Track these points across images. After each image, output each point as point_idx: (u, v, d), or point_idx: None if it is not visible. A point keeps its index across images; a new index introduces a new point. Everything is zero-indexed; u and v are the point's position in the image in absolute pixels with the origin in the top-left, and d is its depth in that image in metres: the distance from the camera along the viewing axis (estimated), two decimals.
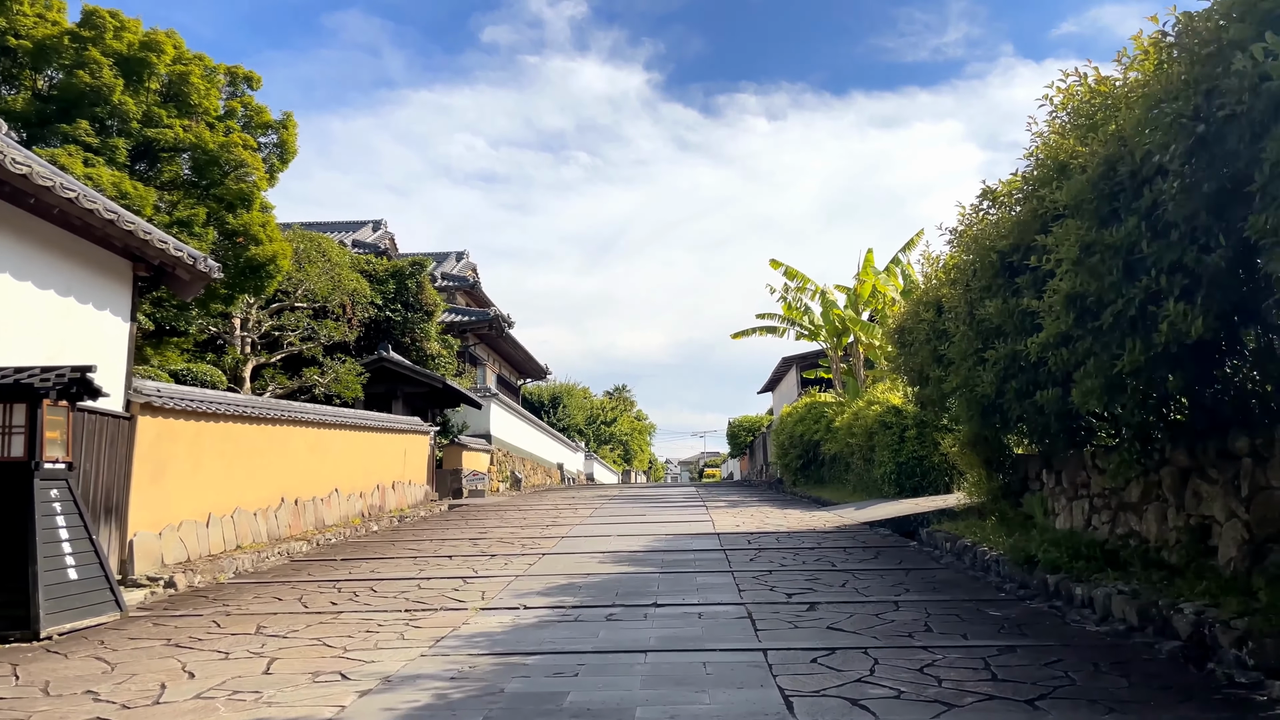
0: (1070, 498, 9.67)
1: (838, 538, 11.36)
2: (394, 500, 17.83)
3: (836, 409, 20.79)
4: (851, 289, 21.99)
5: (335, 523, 14.66)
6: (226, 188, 13.01)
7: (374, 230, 35.70)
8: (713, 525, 13.35)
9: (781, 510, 16.25)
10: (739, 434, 52.29)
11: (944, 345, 9.57)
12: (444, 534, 13.38)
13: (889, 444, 16.22)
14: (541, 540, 11.96)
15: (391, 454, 17.93)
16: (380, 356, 20.25)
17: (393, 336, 24.39)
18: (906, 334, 11.35)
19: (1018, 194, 8.07)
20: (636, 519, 15.11)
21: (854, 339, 21.74)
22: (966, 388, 8.99)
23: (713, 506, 17.56)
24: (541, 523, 14.73)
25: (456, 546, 11.56)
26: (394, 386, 20.77)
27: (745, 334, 24.57)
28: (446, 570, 9.34)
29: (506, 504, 20.67)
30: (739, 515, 15.27)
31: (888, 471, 16.15)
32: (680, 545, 10.99)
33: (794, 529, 12.53)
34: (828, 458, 21.31)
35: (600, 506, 18.45)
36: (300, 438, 13.68)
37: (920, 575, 8.39)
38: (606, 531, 12.90)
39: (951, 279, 9.78)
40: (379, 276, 24.54)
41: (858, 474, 18.72)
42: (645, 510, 17.05)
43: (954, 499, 13.65)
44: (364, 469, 16.36)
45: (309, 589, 8.39)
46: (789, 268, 22.57)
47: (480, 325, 30.10)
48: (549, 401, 46.45)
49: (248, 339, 18.12)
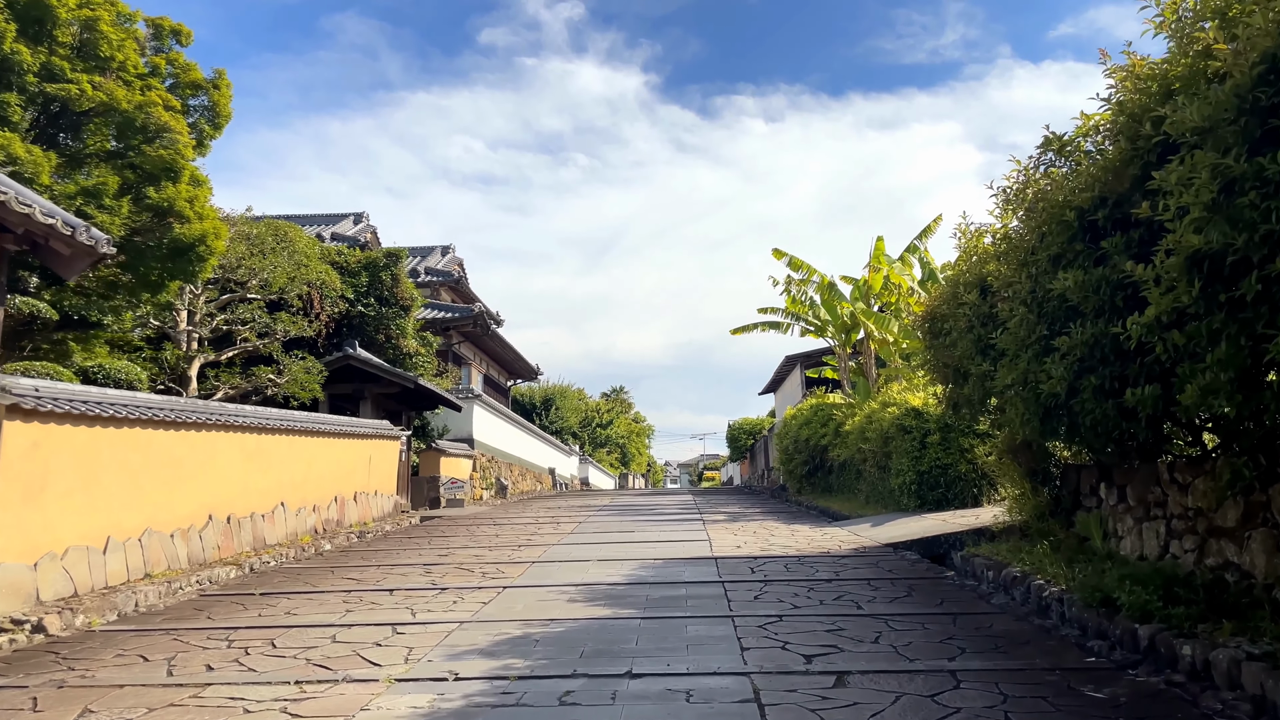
0: (1139, 518, 7.90)
1: (858, 565, 9.55)
2: (355, 513, 16.02)
3: (846, 411, 18.99)
4: (862, 279, 20.19)
5: (279, 542, 12.85)
6: (146, 155, 11.22)
7: (355, 223, 33.95)
8: (710, 546, 11.54)
9: (788, 526, 14.43)
10: (739, 437, 50.44)
11: (993, 333, 7.78)
12: (399, 556, 11.56)
13: (908, 450, 14.42)
14: (508, 566, 10.15)
15: (353, 462, 16.12)
16: (345, 354, 18.45)
17: (365, 333, 22.61)
18: (939, 322, 9.55)
19: (1104, 130, 6.26)
20: (623, 537, 13.30)
21: (864, 334, 19.94)
22: (1025, 384, 7.20)
23: (711, 520, 15.75)
24: (515, 541, 12.92)
25: (405, 575, 9.75)
26: (361, 387, 18.97)
27: (746, 329, 22.75)
28: (378, 612, 7.53)
29: (485, 515, 18.85)
30: (740, 533, 13.46)
31: (907, 481, 14.34)
32: (670, 575, 9.17)
33: (805, 552, 10.72)
34: (836, 464, 19.51)
35: (586, 520, 16.64)
36: (234, 445, 11.87)
37: (972, 623, 6.59)
38: (586, 554, 11.09)
39: (1002, 251, 7.98)
40: (350, 268, 22.78)
41: (871, 483, 16.91)
42: (634, 525, 15.23)
43: (988, 515, 11.86)
44: (318, 479, 14.55)
45: (193, 641, 6.57)
46: (793, 257, 20.74)
47: (464, 322, 28.30)
48: (541, 404, 44.62)
49: (194, 334, 16.31)
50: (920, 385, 16.56)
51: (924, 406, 14.58)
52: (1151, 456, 7.72)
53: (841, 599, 7.57)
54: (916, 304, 17.19)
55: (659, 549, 11.38)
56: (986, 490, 13.73)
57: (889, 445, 15.49)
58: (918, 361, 10.78)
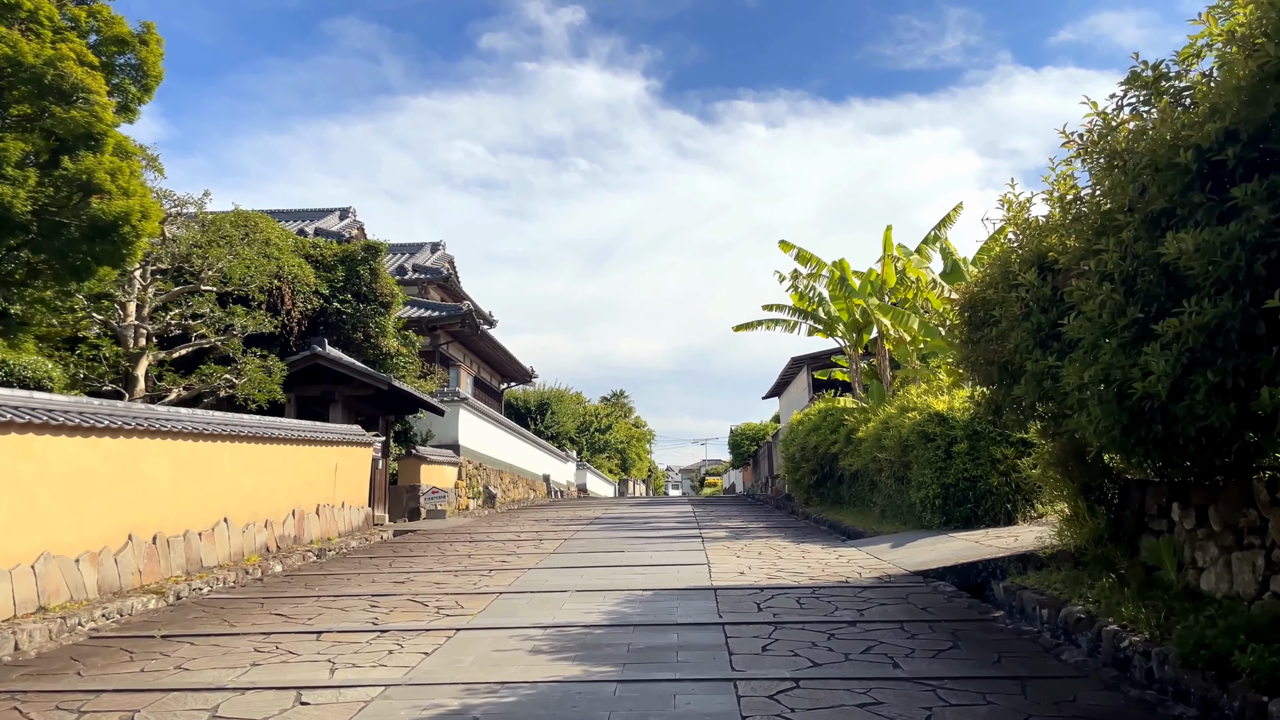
0: (1227, 547, 6.40)
1: (885, 600, 8.00)
2: (317, 528, 14.48)
3: (859, 416, 17.44)
4: (873, 273, 18.63)
5: (221, 563, 11.32)
6: (59, 120, 9.71)
7: (341, 218, 32.49)
8: (709, 572, 9.99)
9: (797, 545, 12.88)
10: (742, 443, 48.82)
11: (1060, 319, 6.26)
12: (348, 584, 10.02)
13: (932, 460, 12.86)
14: (470, 599, 8.60)
15: (315, 471, 14.59)
16: (313, 352, 16.93)
17: (342, 331, 21.10)
18: (982, 310, 8.02)
19: (1227, 48, 4.72)
20: (611, 559, 11.75)
21: (878, 333, 18.38)
22: (1106, 381, 5.68)
23: (711, 538, 14.19)
24: (487, 564, 11.38)
25: (346, 610, 8.21)
26: (331, 389, 17.45)
27: (749, 327, 21.21)
28: (290, 668, 5.99)
29: (464, 530, 17.31)
30: (744, 554, 11.91)
31: (930, 495, 12.78)
32: (660, 613, 7.62)
33: (820, 581, 9.17)
34: (848, 474, 17.95)
35: (572, 536, 15.09)
36: (163, 453, 10.34)
37: (1047, 693, 5.04)
38: (564, 582, 9.54)
39: (1070, 219, 6.45)
40: (326, 262, 21.26)
41: (887, 495, 15.35)
42: (625, 544, 13.67)
43: (1028, 536, 10.32)
44: (270, 491, 13.02)
45: (33, 715, 5.04)
46: (801, 250, 19.19)
47: (451, 321, 26.79)
48: (536, 408, 43.07)
49: (142, 330, 14.80)
50: (943, 388, 15.02)
51: (949, 411, 13.03)
52: (1240, 471, 6.22)
53: (872, 651, 6.02)
54: (939, 298, 15.66)
55: (650, 576, 9.83)
56: (1021, 506, 12.18)
57: (908, 454, 13.94)
58: (955, 357, 9.24)
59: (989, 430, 12.32)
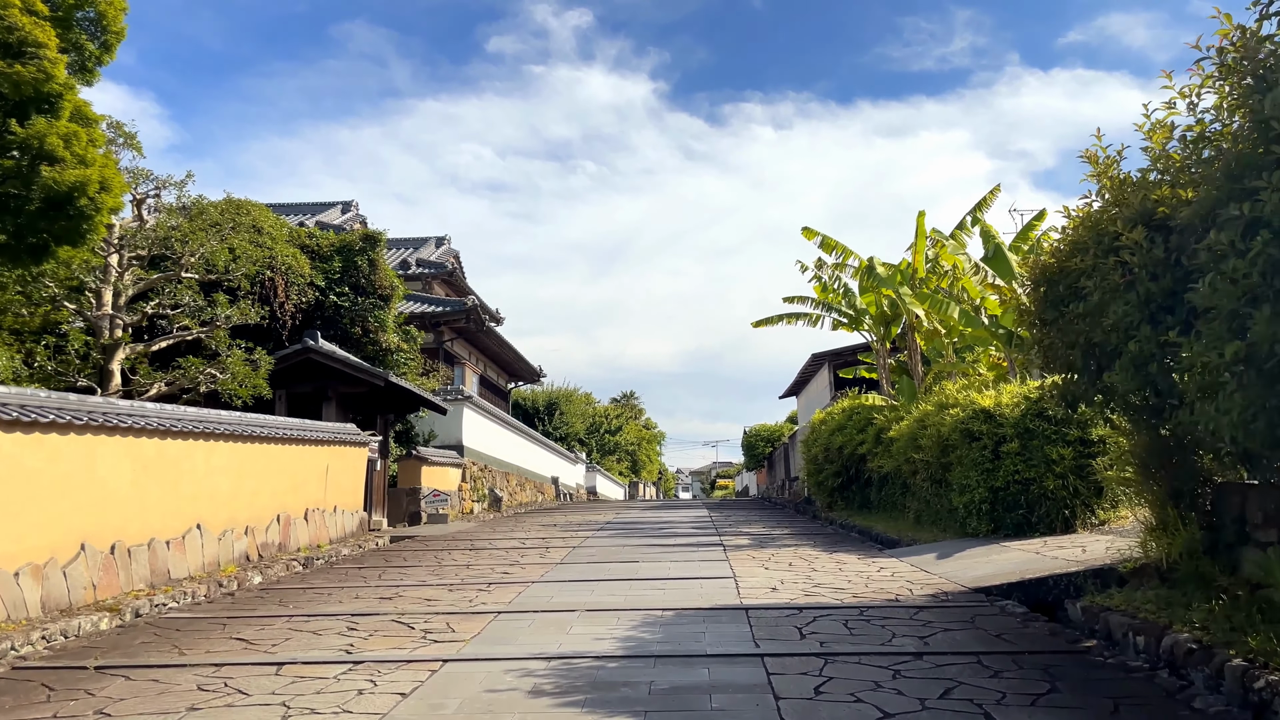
0: None
1: (948, 624, 6.82)
2: (307, 535, 13.36)
3: (889, 414, 16.24)
4: (903, 262, 17.42)
5: (193, 574, 10.22)
6: (5, 77, 8.62)
7: (343, 211, 31.49)
8: (736, 587, 8.81)
9: (829, 554, 11.68)
10: (756, 445, 47.58)
11: (1181, 286, 5.08)
12: (328, 600, 8.89)
13: (978, 462, 11.67)
14: (463, 620, 7.46)
15: (303, 472, 13.49)
16: (304, 346, 15.84)
17: (339, 326, 20.04)
18: (1063, 282, 6.82)
19: None
20: (624, 570, 10.59)
21: (907, 326, 17.16)
22: (1254, 359, 4.52)
23: (733, 545, 13.01)
24: (486, 576, 10.24)
25: (318, 634, 7.07)
26: (324, 385, 16.36)
27: (769, 322, 20.02)
28: (231, 716, 4.85)
29: (466, 536, 16.18)
30: (772, 564, 10.73)
31: (976, 500, 11.59)
32: (685, 640, 6.46)
33: (866, 599, 7.99)
34: (876, 476, 16.74)
35: (582, 543, 13.94)
36: (124, 453, 9.24)
37: None
38: (572, 599, 8.39)
39: (1196, 160, 5.26)
40: (323, 252, 20.22)
41: (923, 500, 14.15)
42: (639, 552, 12.50)
43: (1096, 545, 9.13)
44: (252, 494, 11.91)
45: None
46: (826, 237, 17.98)
47: (455, 317, 25.68)
48: (544, 408, 41.93)
49: (118, 320, 13.72)
50: (986, 382, 13.82)
51: (995, 407, 11.82)
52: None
53: (952, 696, 4.84)
54: (981, 285, 14.44)
55: (669, 592, 8.67)
56: (1081, 512, 10.97)
57: (949, 455, 12.74)
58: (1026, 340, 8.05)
59: (1043, 428, 11.13)
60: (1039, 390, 11.37)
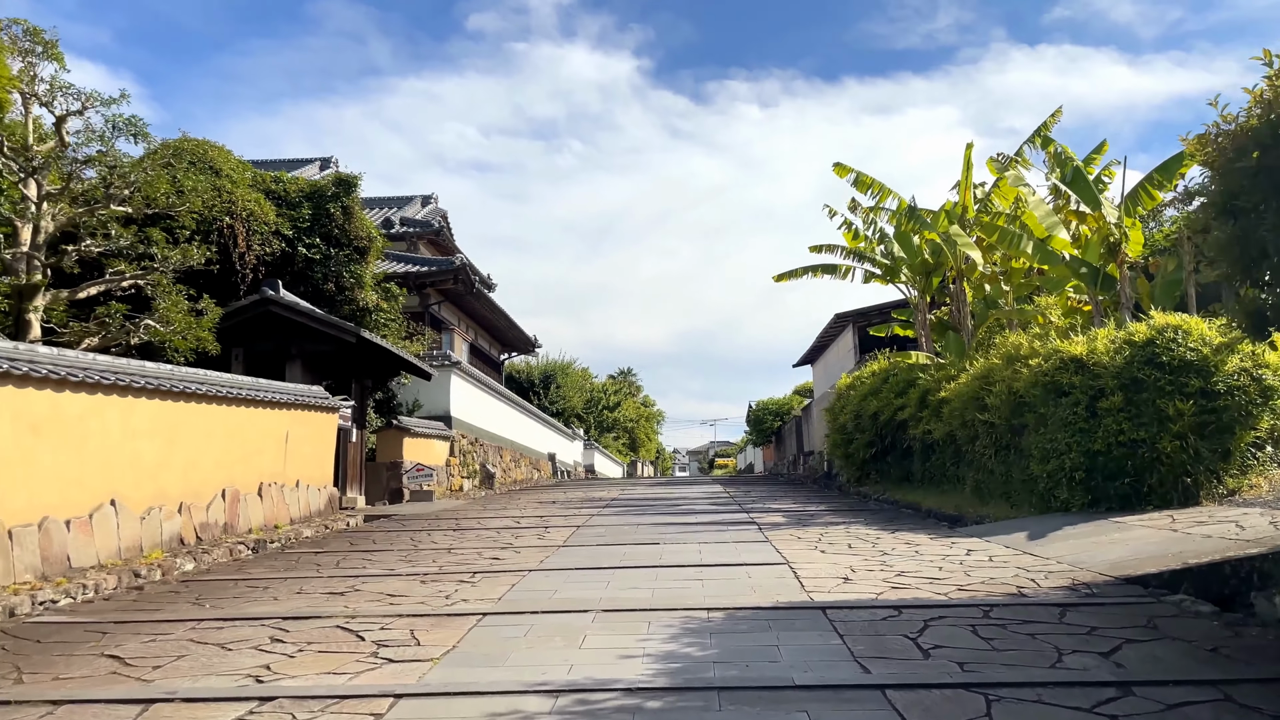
0: None
1: (1124, 630, 4.78)
2: (260, 513, 11.29)
3: (936, 374, 14.19)
4: (947, 204, 15.28)
5: (102, 562, 8.14)
6: None
7: (322, 168, 29.23)
8: (795, 576, 6.77)
9: (891, 534, 9.63)
10: (764, 419, 45.48)
11: None
12: (258, 597, 6.82)
13: (1067, 421, 9.63)
14: (433, 627, 5.40)
15: (256, 439, 11.39)
16: (264, 297, 13.70)
17: (310, 281, 17.82)
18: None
19: None
20: (643, 556, 8.54)
21: (954, 274, 15.03)
22: None
23: (767, 523, 10.97)
24: (470, 563, 8.18)
25: (225, 651, 5.00)
26: (287, 342, 14.24)
27: (793, 275, 17.87)
28: None
29: (451, 514, 14.13)
30: (828, 547, 8.68)
31: (1067, 466, 9.55)
32: (754, 659, 4.42)
33: (978, 594, 5.94)
34: (919, 444, 14.71)
35: (587, 522, 11.88)
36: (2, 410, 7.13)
37: None
38: (582, 594, 6.33)
39: None
40: (290, 198, 17.97)
41: (984, 469, 12.11)
42: (658, 533, 10.44)
43: (1256, 520, 7.09)
44: (188, 465, 9.83)
45: None
46: (860, 174, 15.76)
47: (443, 277, 23.50)
48: (540, 380, 39.77)
49: (36, 259, 11.55)
50: (1061, 330, 11.76)
51: (1089, 355, 9.77)
52: None
53: None
54: (1050, 220, 12.29)
55: (710, 584, 6.62)
56: (1205, 479, 8.92)
57: (1023, 415, 10.71)
58: (1211, 249, 5.93)
59: (1155, 377, 9.07)
60: (1151, 331, 9.31)
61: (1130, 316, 10.82)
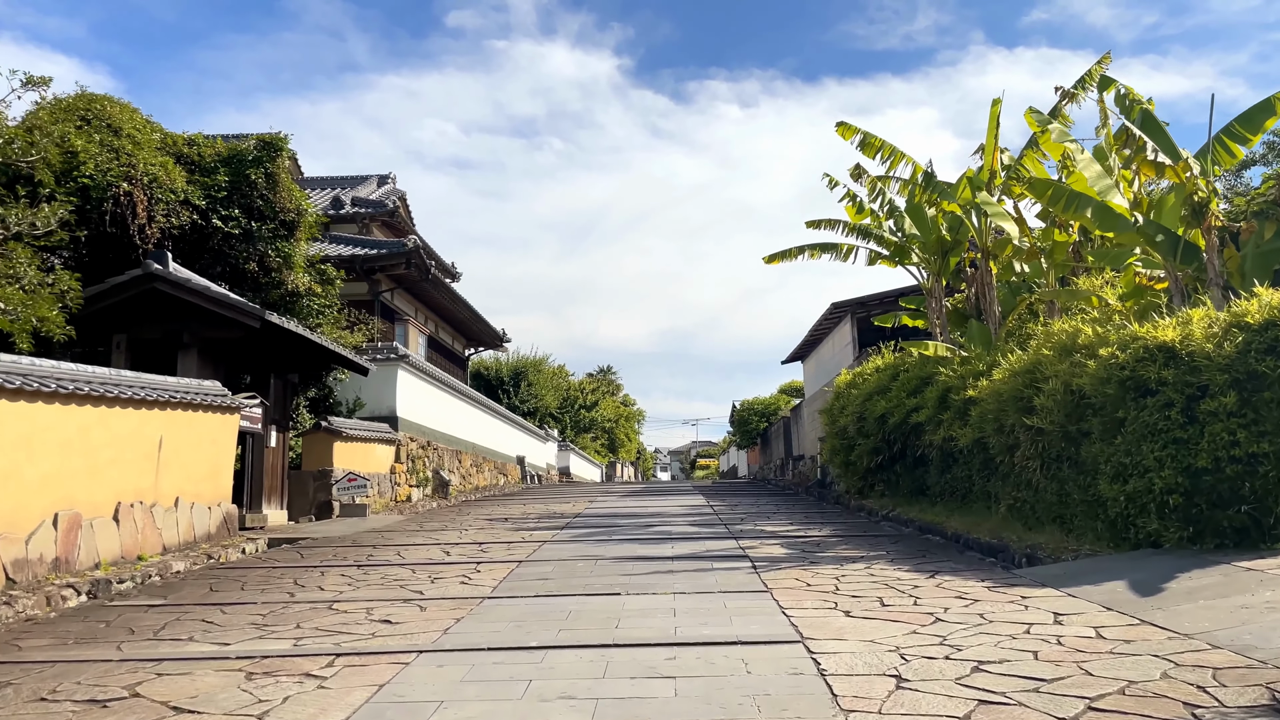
0: None
1: None
2: (115, 543, 8.81)
3: (960, 369, 11.92)
4: (969, 171, 13.00)
5: None
6: None
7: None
8: (815, 668, 4.42)
9: (929, 577, 7.28)
10: (749, 419, 43.16)
11: None
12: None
13: (1155, 429, 7.36)
14: None
15: (111, 448, 8.92)
16: (148, 272, 11.22)
17: (230, 261, 15.34)
18: None
19: None
20: (596, 612, 6.16)
21: (979, 252, 12.77)
22: None
23: (762, 556, 8.61)
24: (350, 630, 5.77)
25: None
26: (179, 327, 11.76)
27: (786, 256, 15.53)
28: None
29: (375, 537, 11.70)
30: (849, 601, 6.33)
31: (1157, 488, 7.26)
32: None
33: (1134, 714, 3.59)
34: (939, 453, 12.43)
35: (534, 551, 9.49)
36: None
37: None
38: (477, 714, 3.95)
39: None
40: (204, 163, 15.46)
41: (1027, 485, 9.84)
42: (620, 570, 8.04)
43: None
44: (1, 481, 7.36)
45: None
46: (868, 135, 13.39)
47: (393, 261, 21.03)
48: (510, 378, 37.25)
49: None
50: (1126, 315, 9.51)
51: (1183, 343, 7.49)
52: None
53: None
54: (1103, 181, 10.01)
55: (685, 683, 4.28)
56: None
57: (1085, 420, 8.45)
58: None
59: None
60: (1272, 310, 7.04)
61: (1221, 295, 8.59)
